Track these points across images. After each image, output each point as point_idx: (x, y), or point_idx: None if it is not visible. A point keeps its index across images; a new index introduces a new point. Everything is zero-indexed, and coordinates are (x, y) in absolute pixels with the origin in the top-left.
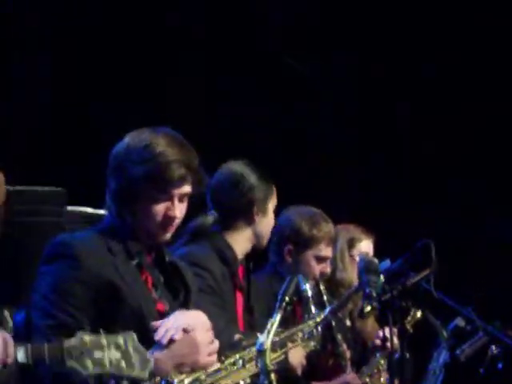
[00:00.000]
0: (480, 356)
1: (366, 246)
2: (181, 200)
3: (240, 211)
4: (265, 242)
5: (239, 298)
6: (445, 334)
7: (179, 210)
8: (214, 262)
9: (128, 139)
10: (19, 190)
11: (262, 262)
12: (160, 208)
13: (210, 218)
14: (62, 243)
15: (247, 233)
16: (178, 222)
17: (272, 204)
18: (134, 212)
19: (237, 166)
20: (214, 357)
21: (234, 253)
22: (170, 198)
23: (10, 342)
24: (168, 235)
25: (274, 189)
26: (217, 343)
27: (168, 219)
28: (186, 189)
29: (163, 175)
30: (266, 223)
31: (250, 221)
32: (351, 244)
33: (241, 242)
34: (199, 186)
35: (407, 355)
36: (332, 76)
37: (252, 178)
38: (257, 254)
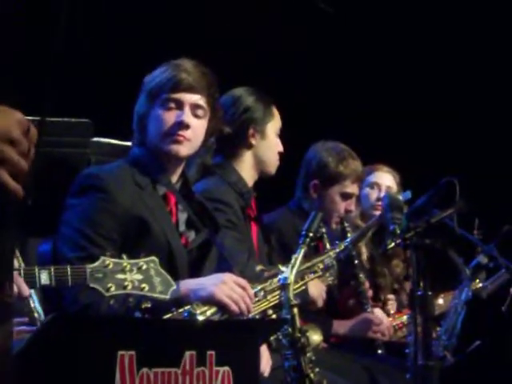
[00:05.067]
0: (502, 293)
1: (384, 178)
2: (195, 115)
3: (237, 133)
4: (271, 168)
5: (254, 229)
6: (467, 271)
7: (190, 118)
8: (231, 195)
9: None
10: (44, 120)
11: (288, 197)
12: (171, 114)
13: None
14: (91, 176)
15: (249, 158)
16: (190, 134)
17: (273, 127)
18: (148, 124)
19: (236, 91)
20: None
21: (246, 183)
22: (181, 106)
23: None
24: (181, 148)
25: (276, 112)
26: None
27: (178, 124)
28: (196, 98)
29: (174, 78)
30: (267, 147)
31: (247, 144)
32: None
33: (246, 169)
34: (215, 116)
35: (429, 292)
36: None
37: (249, 99)
38: (283, 189)
